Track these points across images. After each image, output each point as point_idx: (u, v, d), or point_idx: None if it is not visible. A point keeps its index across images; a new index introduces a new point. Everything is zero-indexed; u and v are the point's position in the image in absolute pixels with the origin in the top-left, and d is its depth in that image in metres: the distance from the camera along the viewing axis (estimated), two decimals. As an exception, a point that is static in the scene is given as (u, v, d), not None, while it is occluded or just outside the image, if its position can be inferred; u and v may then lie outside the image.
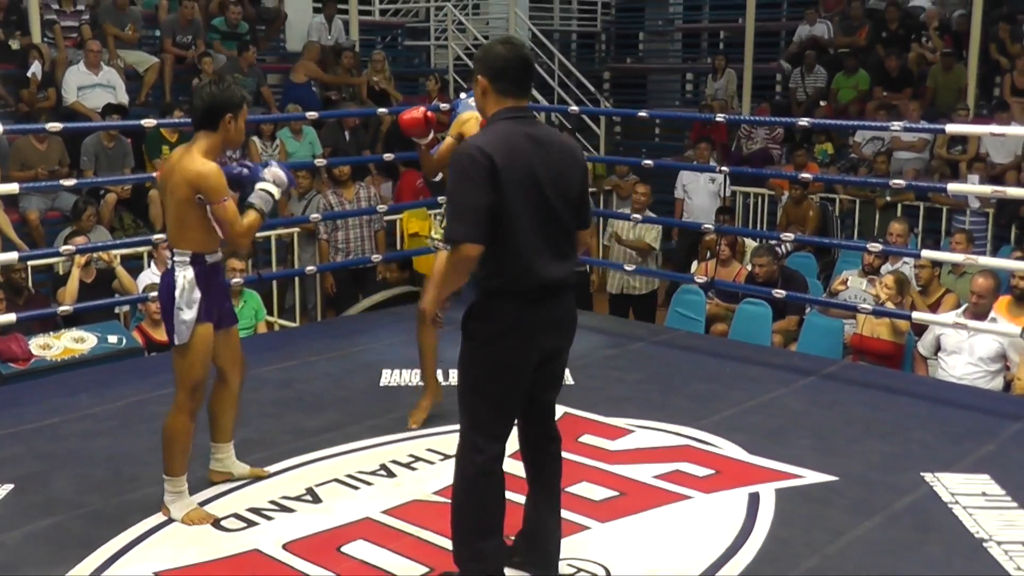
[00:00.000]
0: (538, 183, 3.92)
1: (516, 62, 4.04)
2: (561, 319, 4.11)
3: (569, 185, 4.04)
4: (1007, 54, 14.12)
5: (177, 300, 4.69)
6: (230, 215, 4.67)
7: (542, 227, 3.95)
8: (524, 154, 3.91)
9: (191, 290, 4.71)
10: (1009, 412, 6.31)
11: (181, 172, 4.66)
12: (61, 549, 4.52)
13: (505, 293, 3.97)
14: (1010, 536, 4.65)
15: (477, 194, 3.83)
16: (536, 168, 3.92)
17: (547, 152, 3.97)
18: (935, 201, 12.10)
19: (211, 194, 4.62)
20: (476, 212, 3.83)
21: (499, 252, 3.90)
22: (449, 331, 7.71)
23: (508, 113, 4.02)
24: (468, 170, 3.85)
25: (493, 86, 4.03)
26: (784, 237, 8.64)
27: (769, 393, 6.51)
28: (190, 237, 4.73)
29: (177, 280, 4.71)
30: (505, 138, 3.92)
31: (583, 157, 4.19)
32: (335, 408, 6.14)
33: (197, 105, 4.75)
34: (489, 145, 3.88)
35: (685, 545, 4.54)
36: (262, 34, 14.79)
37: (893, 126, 7.77)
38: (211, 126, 4.73)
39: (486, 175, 3.82)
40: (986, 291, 7.63)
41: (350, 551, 4.50)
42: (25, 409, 6.21)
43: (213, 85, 4.83)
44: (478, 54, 4.15)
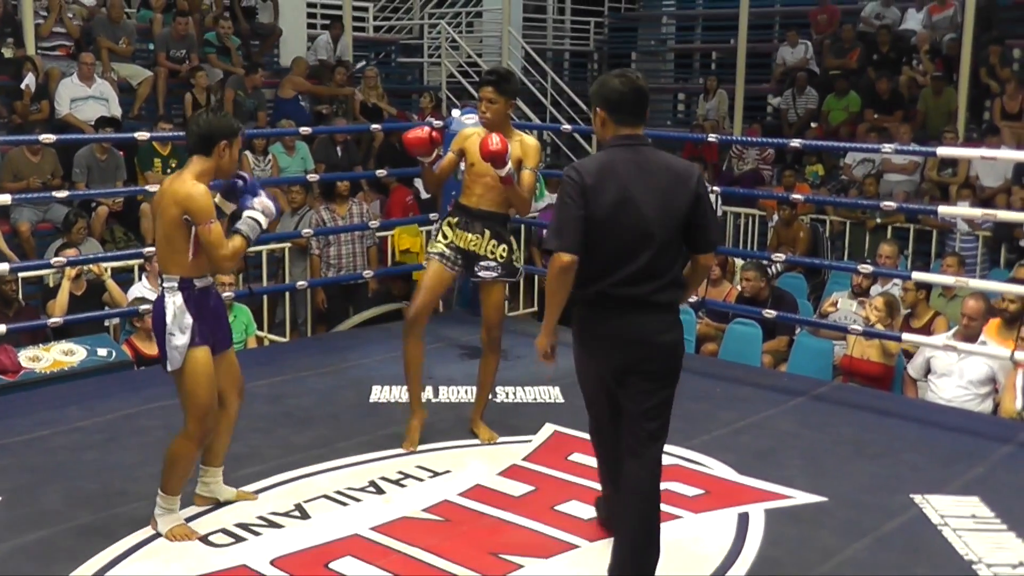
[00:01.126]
0: (632, 203, 4.12)
1: (631, 95, 4.29)
2: (642, 335, 4.21)
3: (672, 205, 4.18)
4: (997, 78, 14.16)
5: (169, 326, 4.64)
6: (214, 237, 4.60)
7: (633, 245, 4.13)
8: (621, 176, 4.15)
9: (182, 315, 4.64)
10: (998, 435, 6.31)
11: (172, 194, 4.62)
12: (49, 563, 4.50)
13: (586, 303, 4.22)
14: (1000, 559, 4.64)
15: (570, 208, 4.12)
16: (632, 189, 4.13)
17: (651, 176, 4.18)
18: (925, 224, 12.13)
19: (198, 215, 4.56)
20: (570, 224, 4.11)
21: (586, 265, 4.13)
22: (440, 347, 7.75)
23: (620, 140, 4.26)
24: (565, 187, 4.18)
25: (611, 117, 4.28)
26: (775, 257, 8.63)
27: (759, 413, 6.50)
28: (179, 261, 4.66)
29: (167, 306, 4.66)
30: (605, 161, 4.22)
31: (697, 184, 4.27)
32: (325, 424, 6.12)
33: (193, 131, 4.72)
34: (584, 166, 4.22)
35: (674, 565, 4.51)
36: (256, 49, 14.80)
37: (884, 148, 7.78)
38: (205, 151, 4.68)
39: (577, 192, 4.12)
40: (977, 313, 7.63)
41: (338, 568, 4.48)
42: (14, 421, 6.18)
43: (210, 113, 4.84)
44: (594, 88, 4.39)
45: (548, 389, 6.83)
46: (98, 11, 13.48)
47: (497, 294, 5.97)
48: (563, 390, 6.76)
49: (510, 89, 5.81)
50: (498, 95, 5.77)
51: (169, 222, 4.63)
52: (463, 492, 5.24)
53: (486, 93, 5.80)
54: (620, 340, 4.20)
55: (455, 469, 5.52)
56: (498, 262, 5.88)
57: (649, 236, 4.14)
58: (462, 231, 5.90)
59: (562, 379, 6.96)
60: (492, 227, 5.88)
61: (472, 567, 4.46)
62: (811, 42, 16.58)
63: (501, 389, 6.82)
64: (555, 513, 4.99)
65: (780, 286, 9.81)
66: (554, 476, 5.46)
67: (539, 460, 5.67)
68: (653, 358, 4.23)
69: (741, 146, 14.72)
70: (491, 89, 5.78)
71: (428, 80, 17.53)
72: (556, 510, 5.02)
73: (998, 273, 10.79)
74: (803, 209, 12.09)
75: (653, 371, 4.22)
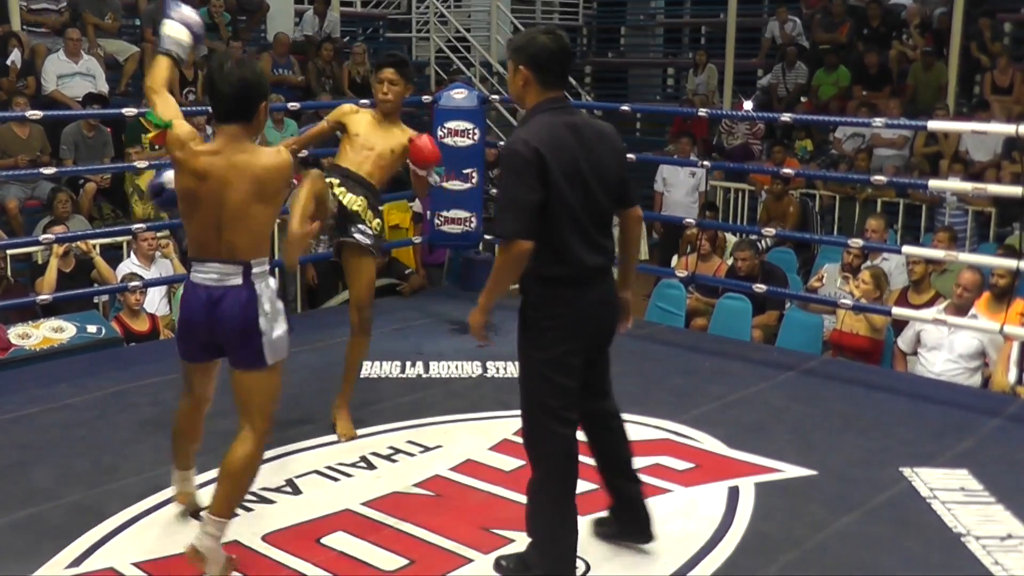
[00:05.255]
0: (580, 172, 4.00)
1: (560, 55, 4.10)
2: (606, 301, 4.20)
3: (608, 170, 4.12)
4: (988, 52, 14.15)
5: (269, 315, 4.15)
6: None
7: (585, 214, 4.04)
8: (568, 145, 3.99)
9: (276, 301, 4.21)
10: (988, 408, 6.34)
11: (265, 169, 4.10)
12: (40, 539, 4.51)
13: (557, 280, 4.05)
14: (988, 531, 4.66)
15: (527, 190, 3.92)
16: (578, 158, 4.01)
17: (586, 140, 4.06)
18: (914, 198, 12.15)
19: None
20: (527, 208, 3.92)
21: (549, 242, 3.98)
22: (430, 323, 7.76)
23: (550, 104, 4.09)
24: (519, 167, 3.94)
25: (537, 78, 4.08)
26: (765, 232, 8.65)
27: (749, 388, 6.52)
28: (266, 244, 4.25)
29: (261, 294, 4.16)
30: (550, 131, 4.00)
31: (620, 140, 4.26)
32: (315, 399, 6.11)
33: (226, 92, 4.10)
34: (536, 139, 3.95)
35: (665, 538, 4.53)
36: (243, 25, 14.75)
37: (875, 122, 7.79)
38: (246, 116, 4.14)
39: (536, 172, 3.91)
40: (972, 285, 7.63)
41: (330, 543, 4.50)
42: (4, 399, 6.18)
43: (240, 67, 4.20)
44: (518, 43, 4.14)
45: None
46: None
47: (368, 270, 5.80)
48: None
49: (410, 74, 5.86)
50: (399, 77, 5.79)
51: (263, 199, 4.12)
52: (454, 467, 5.27)
53: (388, 74, 5.80)
54: (596, 309, 4.14)
55: (446, 444, 5.54)
56: (373, 232, 5.77)
57: (597, 202, 4.09)
58: (345, 190, 5.71)
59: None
60: (369, 198, 5.80)
61: (464, 541, 4.48)
62: (801, 16, 16.58)
63: (492, 364, 6.85)
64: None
65: (770, 260, 9.83)
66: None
67: (530, 435, 5.67)
68: (615, 317, 4.29)
69: (731, 121, 14.73)
70: (393, 71, 5.79)
71: (416, 55, 17.46)
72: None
73: (987, 247, 10.83)
74: (793, 184, 12.10)
75: (613, 328, 4.30)
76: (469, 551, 4.41)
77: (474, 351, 7.14)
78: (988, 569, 4.35)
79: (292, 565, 4.30)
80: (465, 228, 8.40)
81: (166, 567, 4.29)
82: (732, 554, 4.44)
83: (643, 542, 4.45)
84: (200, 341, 4.25)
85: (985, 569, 4.36)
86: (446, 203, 8.37)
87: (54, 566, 4.31)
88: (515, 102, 4.36)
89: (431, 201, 8.49)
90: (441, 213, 8.42)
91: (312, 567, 4.28)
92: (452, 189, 8.33)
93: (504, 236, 3.97)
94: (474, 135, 8.32)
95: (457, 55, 16.95)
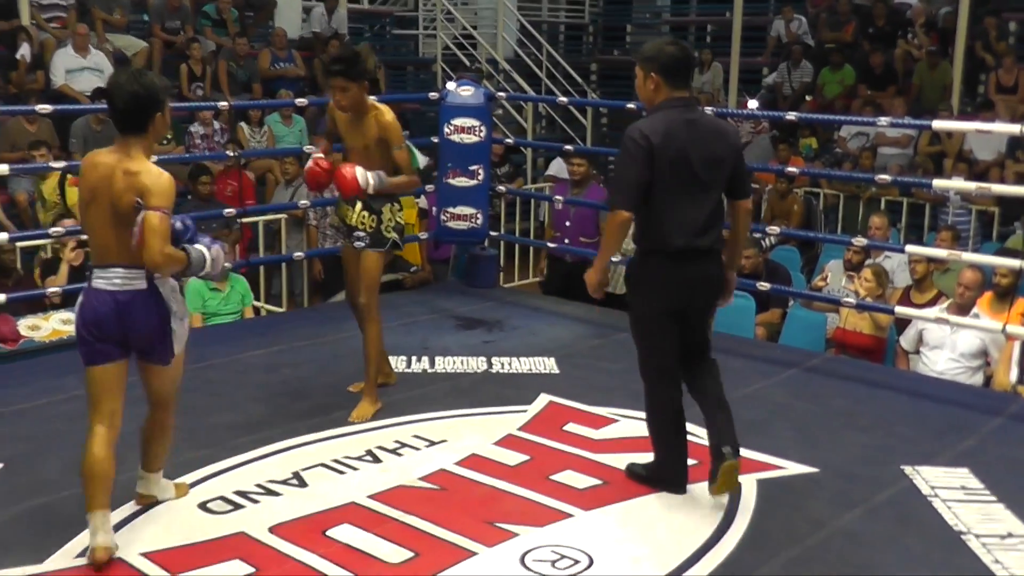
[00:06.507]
0: (689, 162, 4.62)
1: (685, 61, 4.79)
2: (704, 278, 4.83)
3: (720, 163, 4.73)
4: (993, 52, 14.16)
5: (177, 312, 4.39)
6: (164, 228, 4.14)
7: (688, 199, 4.68)
8: (679, 136, 4.62)
9: (180, 296, 4.48)
10: (989, 407, 6.34)
11: (133, 181, 4.15)
12: (48, 530, 4.53)
13: (655, 253, 4.73)
14: (988, 529, 4.67)
15: (635, 171, 4.59)
16: (688, 149, 4.62)
17: (700, 135, 4.68)
18: (918, 197, 12.15)
19: (155, 198, 4.13)
20: (633, 186, 4.61)
21: (651, 218, 4.68)
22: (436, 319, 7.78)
23: (673, 103, 4.71)
24: (631, 151, 4.61)
25: (666, 81, 4.71)
26: (769, 230, 8.65)
27: (752, 385, 6.53)
28: None
29: (165, 293, 4.35)
30: (665, 123, 4.64)
31: (737, 139, 4.99)
32: (322, 393, 6.14)
33: (122, 102, 4.20)
34: (649, 128, 4.62)
35: (667, 534, 4.56)
36: (251, 21, 14.77)
37: (880, 121, 7.80)
38: (139, 128, 4.23)
39: (644, 157, 4.57)
40: (974, 284, 7.65)
41: (335, 535, 4.51)
42: (13, 390, 6.21)
43: (134, 80, 4.25)
44: (649, 54, 4.76)
45: (543, 360, 6.87)
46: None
47: (369, 261, 5.93)
48: (558, 361, 6.80)
49: (359, 71, 5.72)
50: (349, 82, 5.71)
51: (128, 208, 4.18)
52: (459, 461, 5.28)
53: (336, 83, 5.74)
54: (692, 283, 4.77)
55: (451, 438, 5.56)
56: (367, 232, 5.92)
57: (706, 190, 4.71)
58: (343, 203, 6.02)
59: (557, 350, 7.02)
60: (364, 200, 5.91)
61: (468, 535, 4.49)
62: (806, 15, 16.59)
63: (497, 360, 6.87)
64: (550, 482, 5.02)
65: (774, 259, 9.85)
66: (549, 446, 5.49)
67: (534, 430, 5.71)
68: (713, 292, 4.92)
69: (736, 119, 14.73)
70: (340, 79, 5.72)
71: (423, 52, 17.50)
72: (551, 479, 5.05)
73: (990, 246, 10.84)
74: (797, 182, 12.11)
75: (711, 302, 4.95)
76: (473, 544, 4.42)
77: (480, 346, 7.17)
78: (988, 567, 4.36)
79: (298, 557, 4.32)
80: (471, 224, 8.43)
81: (172, 557, 4.30)
82: (734, 550, 4.45)
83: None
84: (115, 339, 4.38)
85: (985, 567, 4.36)
86: (452, 199, 8.40)
87: (63, 556, 4.33)
88: (645, 104, 4.87)
89: (438, 198, 8.52)
90: (447, 209, 8.45)
91: (318, 559, 4.29)
92: (458, 185, 8.36)
93: (611, 206, 4.71)
94: (480, 132, 8.34)
95: (464, 52, 16.96)
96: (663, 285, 4.76)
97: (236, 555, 4.34)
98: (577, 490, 4.97)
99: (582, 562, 4.30)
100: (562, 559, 4.33)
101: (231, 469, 5.16)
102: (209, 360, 6.77)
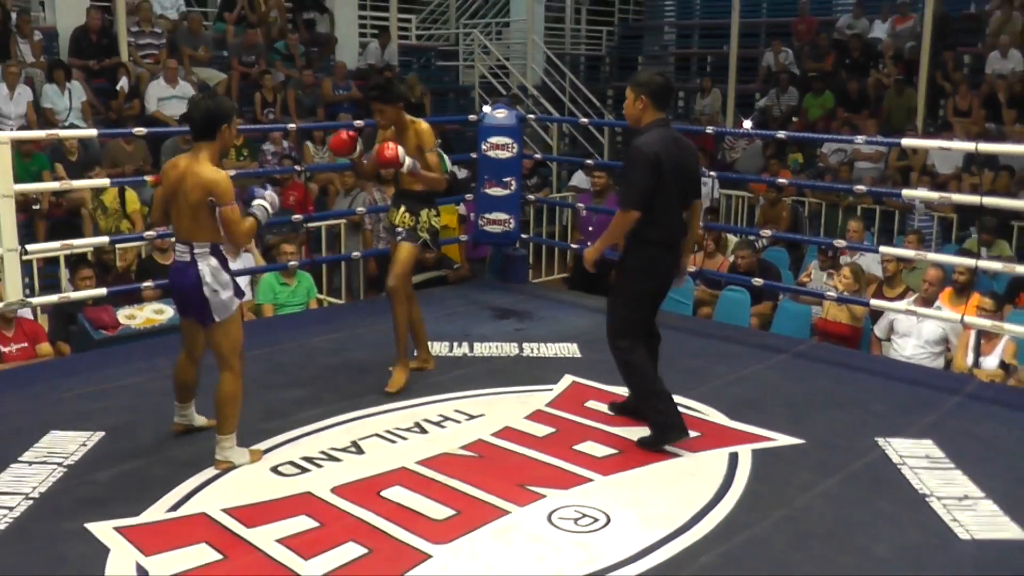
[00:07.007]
0: (679, 171, 4.94)
1: (668, 87, 5.09)
2: (676, 264, 5.17)
3: (692, 172, 5.10)
4: (950, 80, 14.11)
5: (210, 284, 4.66)
6: (236, 217, 4.62)
7: (677, 201, 5.02)
8: (673, 151, 4.93)
9: (219, 273, 4.69)
10: (949, 387, 6.28)
11: (196, 179, 4.59)
12: (145, 487, 4.55)
13: (654, 243, 4.99)
14: (948, 492, 4.64)
15: (647, 179, 4.86)
16: (678, 161, 4.94)
17: (682, 149, 5.01)
18: (889, 205, 12.10)
19: (222, 197, 4.58)
20: (644, 191, 4.87)
21: (653, 216, 4.93)
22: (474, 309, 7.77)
23: (660, 122, 5.02)
24: (643, 161, 4.88)
25: (653, 103, 5.01)
26: (762, 234, 8.62)
27: (747, 368, 6.50)
28: (206, 233, 4.67)
29: (203, 269, 4.67)
30: (662, 139, 4.93)
31: (697, 152, 5.30)
32: (377, 373, 6.13)
33: (196, 118, 4.66)
34: (655, 145, 4.89)
35: (675, 495, 4.54)
36: (315, 55, 14.79)
37: (857, 139, 7.74)
38: (210, 136, 4.65)
39: (653, 167, 4.86)
40: (936, 280, 7.67)
41: (388, 495, 4.51)
42: (113, 369, 6.24)
43: (208, 99, 4.77)
44: (641, 80, 5.07)
45: (568, 345, 6.84)
46: (180, 24, 13.59)
47: (402, 250, 5.99)
48: (580, 346, 6.77)
49: (393, 95, 5.77)
50: (384, 104, 5.76)
51: (195, 202, 4.61)
52: (495, 432, 5.27)
53: (375, 106, 5.82)
54: (670, 268, 5.13)
55: (488, 413, 5.54)
56: (405, 229, 5.98)
57: (683, 193, 5.05)
58: (392, 207, 6.12)
59: (579, 336, 6.99)
60: (407, 203, 6.00)
61: (503, 496, 4.48)
62: (792, 48, 16.53)
63: (527, 345, 6.84)
64: (574, 452, 5.01)
65: (766, 258, 9.81)
66: (572, 420, 5.47)
67: (560, 406, 5.69)
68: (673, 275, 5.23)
69: (732, 138, 14.69)
70: (376, 103, 5.80)
71: (463, 81, 17.47)
72: (574, 449, 5.04)
73: (950, 248, 10.79)
74: (786, 192, 12.06)
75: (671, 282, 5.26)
76: (507, 504, 4.41)
77: (513, 333, 7.15)
78: (948, 525, 4.33)
79: (357, 514, 4.31)
80: (504, 228, 8.41)
81: (249, 513, 4.31)
82: (732, 510, 4.42)
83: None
84: (177, 299, 4.95)
85: (945, 525, 4.34)
86: (488, 207, 8.39)
87: (156, 510, 4.35)
88: (631, 120, 5.14)
89: (476, 205, 8.51)
90: (484, 215, 8.44)
91: (374, 515, 4.29)
92: (494, 194, 8.35)
93: (625, 206, 4.93)
94: (513, 149, 8.32)
95: (498, 80, 16.94)
96: (657, 269, 5.07)
97: (303, 511, 4.34)
98: (596, 458, 4.96)
99: (600, 520, 4.28)
100: (583, 517, 4.31)
101: (299, 438, 5.17)
102: (280, 344, 6.78)
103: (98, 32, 12.58)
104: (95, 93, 12.09)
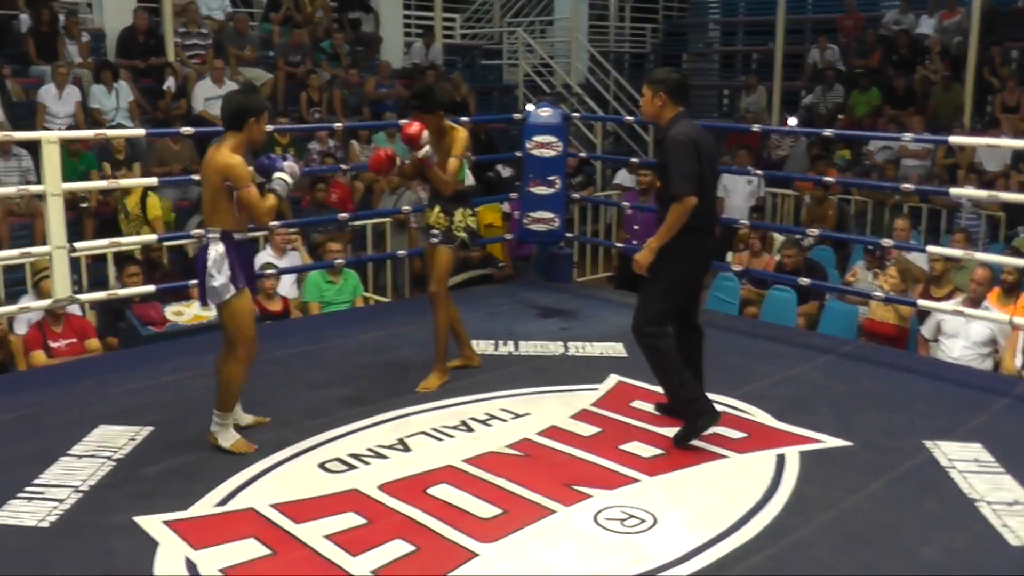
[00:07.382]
0: (710, 158, 5.06)
1: (685, 83, 5.20)
2: (714, 249, 5.35)
3: (715, 159, 5.20)
4: (998, 76, 13.97)
5: (209, 268, 4.81)
6: (253, 198, 4.77)
7: (710, 186, 5.16)
8: (705, 140, 5.07)
9: (222, 261, 4.81)
10: (998, 389, 6.22)
11: (213, 164, 4.78)
12: (192, 482, 4.59)
13: (697, 228, 5.01)
14: (998, 497, 4.59)
15: (693, 165, 4.94)
16: (709, 147, 5.07)
17: (709, 140, 5.13)
18: (935, 203, 11.99)
19: (237, 181, 4.73)
20: (693, 176, 4.93)
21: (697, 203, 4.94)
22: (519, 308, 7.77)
23: (683, 115, 5.11)
24: (685, 150, 4.95)
25: (672, 99, 5.10)
26: (808, 233, 8.57)
27: (794, 368, 6.47)
28: (221, 218, 4.83)
29: (210, 253, 4.82)
30: (694, 129, 5.06)
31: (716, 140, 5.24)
32: (422, 371, 6.13)
33: (226, 110, 4.82)
34: (691, 133, 5.01)
35: (722, 497, 4.52)
36: (360, 55, 14.85)
37: (903, 137, 7.68)
38: (237, 127, 4.81)
39: (695, 153, 4.95)
40: (984, 280, 7.59)
41: (435, 492, 4.52)
42: (161, 365, 6.30)
43: (239, 94, 5.04)
44: (659, 78, 5.16)
45: (613, 344, 6.83)
46: (227, 24, 13.69)
47: (439, 255, 5.97)
48: (626, 346, 6.75)
49: (433, 104, 5.83)
50: (424, 114, 5.81)
51: (213, 187, 4.79)
52: (541, 431, 5.27)
53: (414, 115, 5.87)
54: (711, 253, 5.29)
55: (534, 412, 5.54)
56: (440, 230, 5.97)
57: (715, 180, 5.31)
58: (427, 207, 6.12)
59: (625, 336, 6.96)
60: (442, 204, 6.00)
61: (549, 495, 4.48)
62: (838, 44, 16.41)
63: (572, 344, 6.85)
64: (619, 452, 5.00)
65: (812, 257, 9.75)
66: (618, 420, 5.46)
67: (605, 406, 5.68)
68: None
69: (778, 136, 14.61)
70: (416, 112, 5.86)
71: (506, 79, 17.46)
72: (620, 449, 5.03)
73: (997, 247, 10.67)
74: (832, 190, 11.99)
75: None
76: (553, 503, 4.41)
77: (558, 332, 7.15)
78: (997, 530, 4.28)
79: (404, 511, 4.33)
80: (549, 227, 8.41)
81: (297, 509, 4.34)
82: (779, 512, 4.40)
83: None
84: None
85: (995, 530, 4.29)
86: (533, 205, 8.39)
87: (204, 505, 4.39)
88: (650, 117, 5.24)
89: (520, 204, 8.51)
90: (529, 214, 8.44)
91: (421, 513, 4.31)
92: (538, 193, 8.34)
93: (680, 194, 4.89)
94: (557, 147, 8.32)
95: (542, 79, 16.93)
96: (698, 255, 5.15)
97: (351, 508, 4.36)
98: (643, 458, 4.94)
99: (647, 521, 4.28)
100: (630, 518, 4.31)
101: (346, 435, 5.19)
102: (327, 342, 6.82)
103: (145, 33, 12.70)
104: (142, 93, 12.21)
